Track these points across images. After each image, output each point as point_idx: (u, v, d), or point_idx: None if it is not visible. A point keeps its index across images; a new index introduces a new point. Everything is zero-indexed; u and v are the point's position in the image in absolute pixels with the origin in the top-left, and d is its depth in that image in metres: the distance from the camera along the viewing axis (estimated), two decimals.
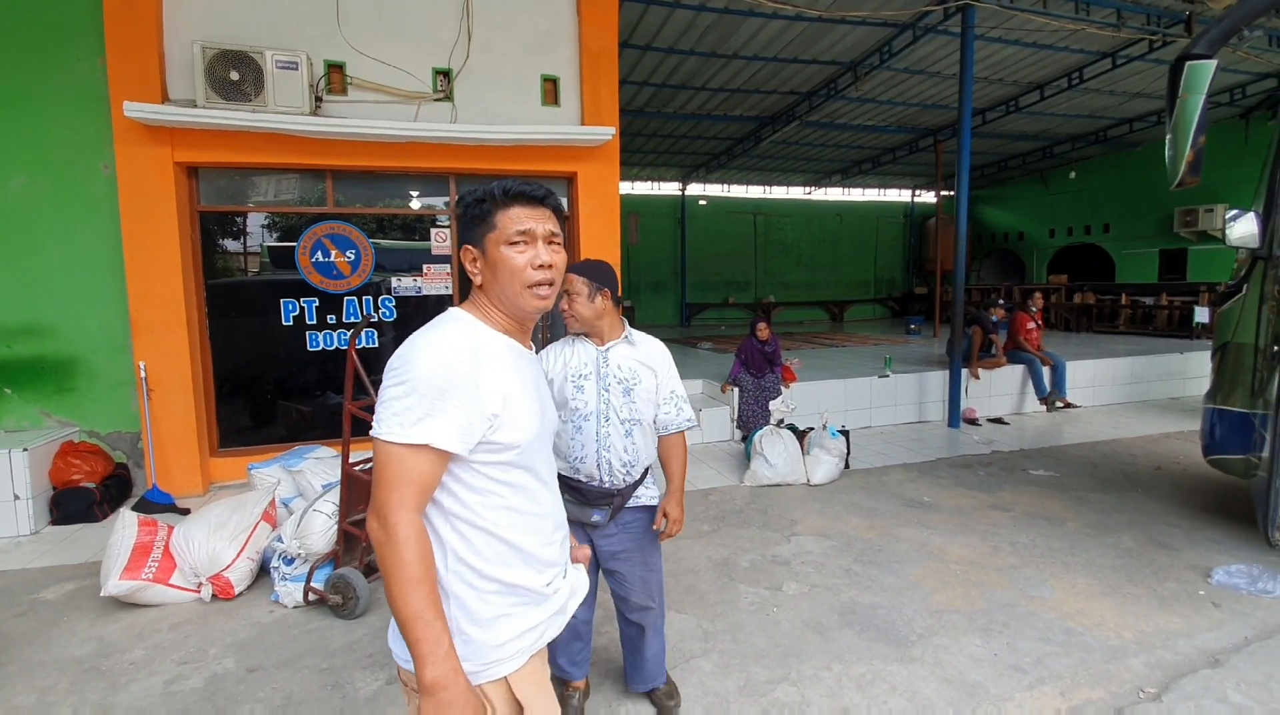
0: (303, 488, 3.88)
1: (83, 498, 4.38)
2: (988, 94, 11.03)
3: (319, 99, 4.89)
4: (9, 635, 2.94)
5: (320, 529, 3.18)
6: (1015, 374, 7.46)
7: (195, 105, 4.55)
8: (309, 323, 5.25)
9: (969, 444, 6.14)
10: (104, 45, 4.48)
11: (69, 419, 4.96)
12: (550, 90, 5.50)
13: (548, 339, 4.65)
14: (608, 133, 5.37)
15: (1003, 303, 7.96)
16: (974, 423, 6.90)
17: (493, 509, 1.18)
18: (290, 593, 3.17)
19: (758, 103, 11.27)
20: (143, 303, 4.67)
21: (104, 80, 4.53)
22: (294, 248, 5.16)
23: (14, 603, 3.25)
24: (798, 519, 4.27)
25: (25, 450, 4.20)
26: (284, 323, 5.19)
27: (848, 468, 5.28)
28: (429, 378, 1.08)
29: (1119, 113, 12.32)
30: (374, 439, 1.10)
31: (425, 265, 5.54)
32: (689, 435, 2.33)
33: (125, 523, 3.27)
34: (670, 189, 18.00)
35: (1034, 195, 16.92)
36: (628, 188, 17.00)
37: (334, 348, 5.32)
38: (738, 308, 18.13)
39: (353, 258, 5.30)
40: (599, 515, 2.11)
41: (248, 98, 4.59)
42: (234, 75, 4.55)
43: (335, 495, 3.28)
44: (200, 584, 3.22)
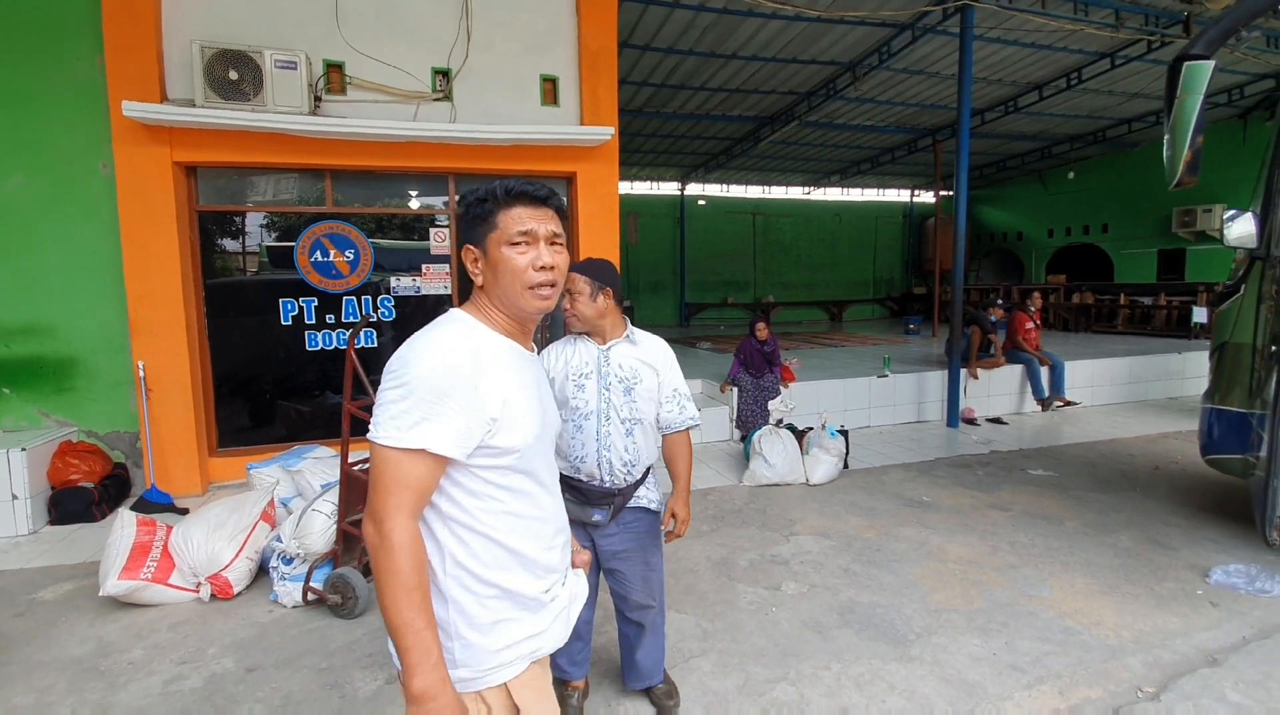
0: (301, 487, 3.88)
1: (81, 498, 4.38)
2: (986, 94, 11.05)
3: (318, 99, 4.89)
4: (8, 635, 2.94)
5: (319, 529, 3.18)
6: (1014, 374, 7.47)
7: (194, 105, 4.55)
8: (308, 322, 5.25)
9: (968, 444, 6.14)
10: (103, 45, 4.48)
11: (67, 419, 4.96)
12: (549, 90, 5.50)
13: (547, 339, 4.65)
14: (607, 133, 5.37)
15: (1001, 303, 7.96)
16: (973, 423, 6.91)
17: (492, 514, 1.16)
18: (289, 592, 3.17)
19: (757, 103, 11.28)
20: (141, 302, 4.67)
21: (103, 80, 4.53)
22: (293, 247, 5.16)
23: (13, 603, 3.25)
24: (797, 519, 4.28)
25: (24, 450, 4.20)
26: (283, 322, 5.19)
27: (847, 467, 5.29)
28: (426, 381, 1.07)
29: (1117, 113, 12.35)
30: (371, 442, 1.08)
31: (424, 265, 5.53)
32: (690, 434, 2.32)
33: (124, 522, 3.26)
34: (669, 189, 18.01)
35: (1033, 195, 16.94)
36: (627, 188, 17.00)
37: (333, 347, 5.32)
38: (737, 308, 18.13)
39: (352, 257, 5.29)
40: (600, 515, 2.10)
41: (247, 97, 4.59)
42: (233, 75, 4.55)
43: (334, 495, 3.28)
44: (199, 584, 3.22)
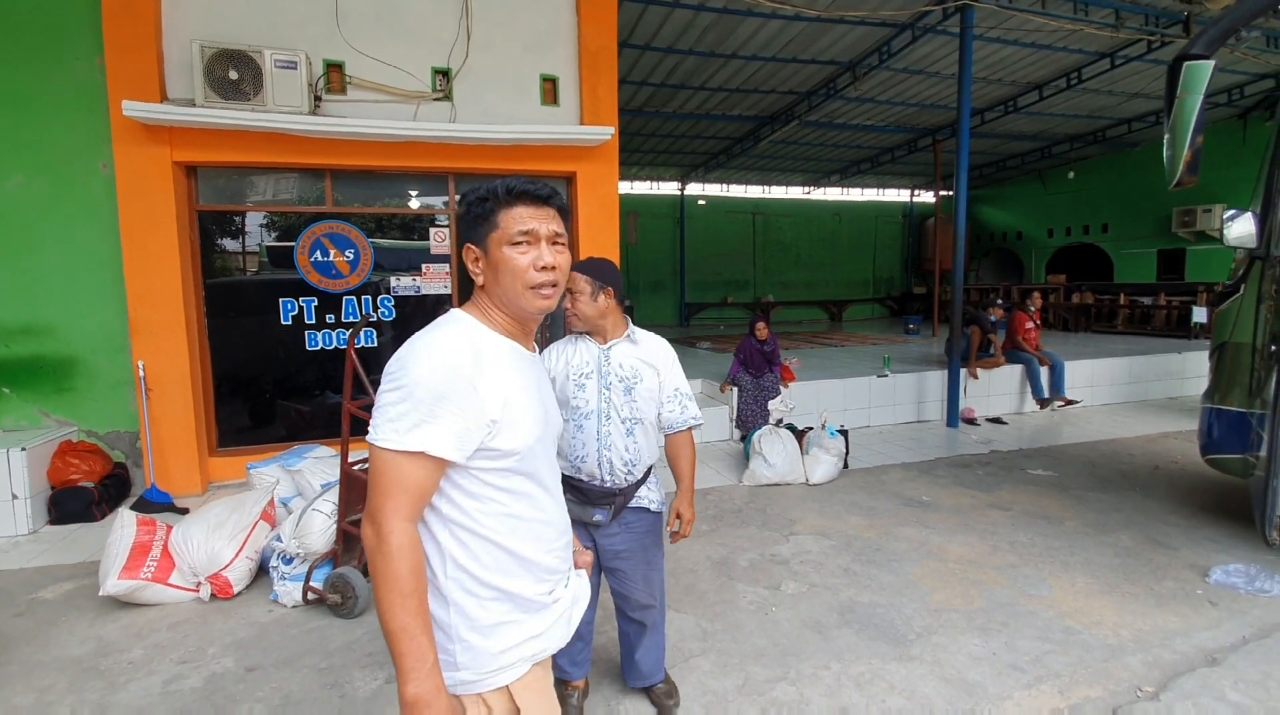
0: (301, 487, 3.88)
1: (81, 497, 4.38)
2: (986, 94, 11.04)
3: (318, 98, 4.89)
4: (8, 635, 2.94)
5: (319, 528, 3.18)
6: (1014, 374, 7.47)
7: (194, 104, 4.55)
8: (308, 322, 5.25)
9: (968, 443, 6.15)
10: (102, 44, 4.47)
11: (67, 418, 4.96)
12: (549, 90, 5.50)
13: (547, 339, 4.65)
14: (607, 132, 5.37)
15: (1001, 302, 7.96)
16: (972, 422, 6.91)
17: (493, 516, 1.15)
18: (289, 592, 3.17)
19: (756, 102, 11.28)
20: (141, 302, 4.67)
21: (102, 80, 4.53)
22: (293, 247, 5.16)
23: (12, 602, 3.25)
24: (796, 518, 4.28)
25: (23, 450, 4.20)
26: (283, 322, 5.19)
27: (846, 467, 5.29)
28: (426, 383, 1.05)
29: (1117, 113, 12.35)
30: (369, 445, 1.08)
31: (424, 265, 5.53)
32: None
33: (124, 522, 3.26)
34: (669, 189, 18.01)
35: (1032, 195, 16.94)
36: (626, 187, 17.00)
37: (333, 347, 5.32)
38: (736, 307, 18.13)
39: (351, 257, 5.29)
40: (601, 515, 2.10)
41: (246, 97, 4.59)
42: (233, 74, 4.54)
43: (334, 494, 3.28)
44: (199, 583, 3.22)
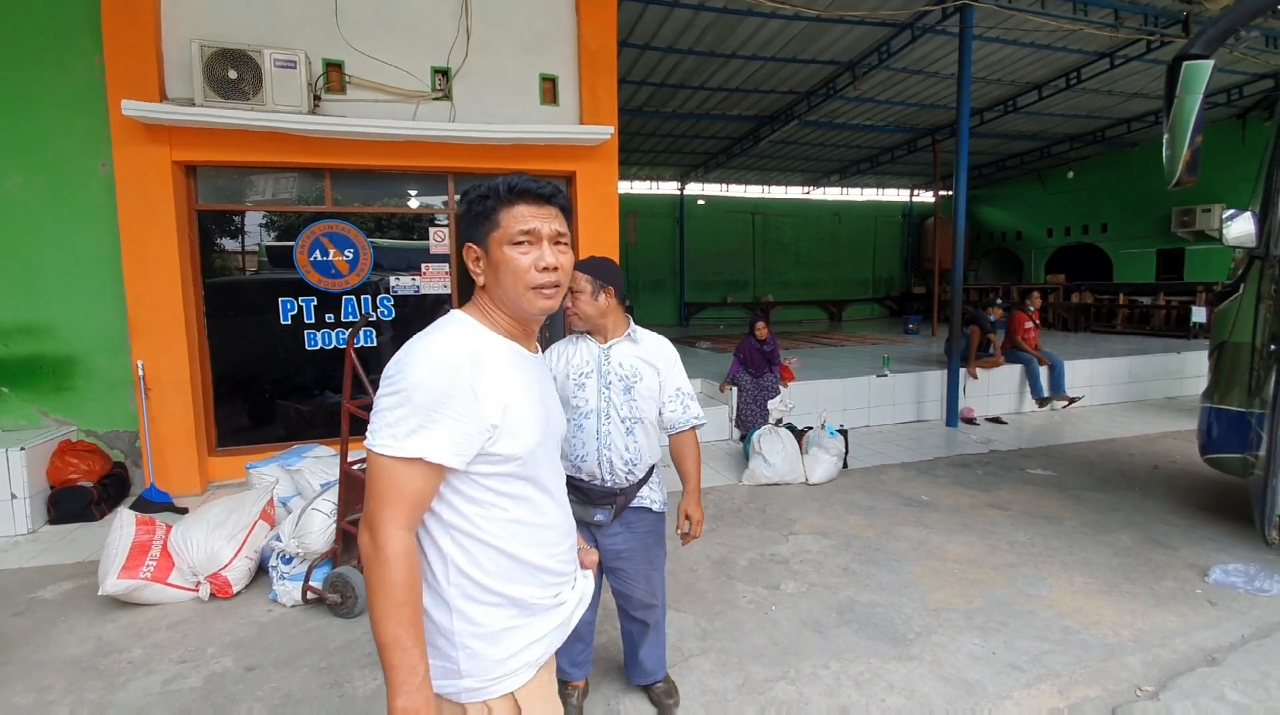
0: (301, 487, 3.88)
1: (80, 497, 4.37)
2: (986, 94, 11.04)
3: (317, 98, 4.89)
4: (7, 634, 2.94)
5: (318, 528, 3.18)
6: (1013, 373, 7.47)
7: (193, 104, 4.55)
8: (307, 322, 5.24)
9: (967, 443, 6.15)
10: (102, 44, 4.47)
11: (67, 418, 4.95)
12: (549, 89, 5.50)
13: (546, 339, 4.65)
14: (606, 132, 5.36)
15: (1001, 302, 7.95)
16: (972, 422, 6.91)
17: (495, 522, 1.13)
18: (289, 591, 3.17)
19: (756, 102, 11.28)
20: (141, 302, 4.67)
21: (102, 79, 4.52)
22: (292, 247, 5.15)
23: (11, 602, 3.25)
24: (796, 518, 4.28)
25: (23, 449, 4.19)
26: (282, 322, 5.19)
27: (846, 467, 5.29)
28: (423, 387, 1.03)
29: (1117, 113, 12.35)
30: (367, 450, 1.06)
31: (424, 264, 5.53)
32: None
33: (123, 522, 3.26)
34: (669, 188, 18.01)
35: (1032, 195, 16.95)
36: (626, 187, 17.00)
37: (332, 347, 5.32)
38: (736, 307, 18.14)
39: (351, 257, 5.29)
40: (602, 515, 2.10)
41: (246, 96, 4.58)
42: (232, 74, 4.54)
43: (333, 494, 3.28)
44: (198, 583, 3.22)
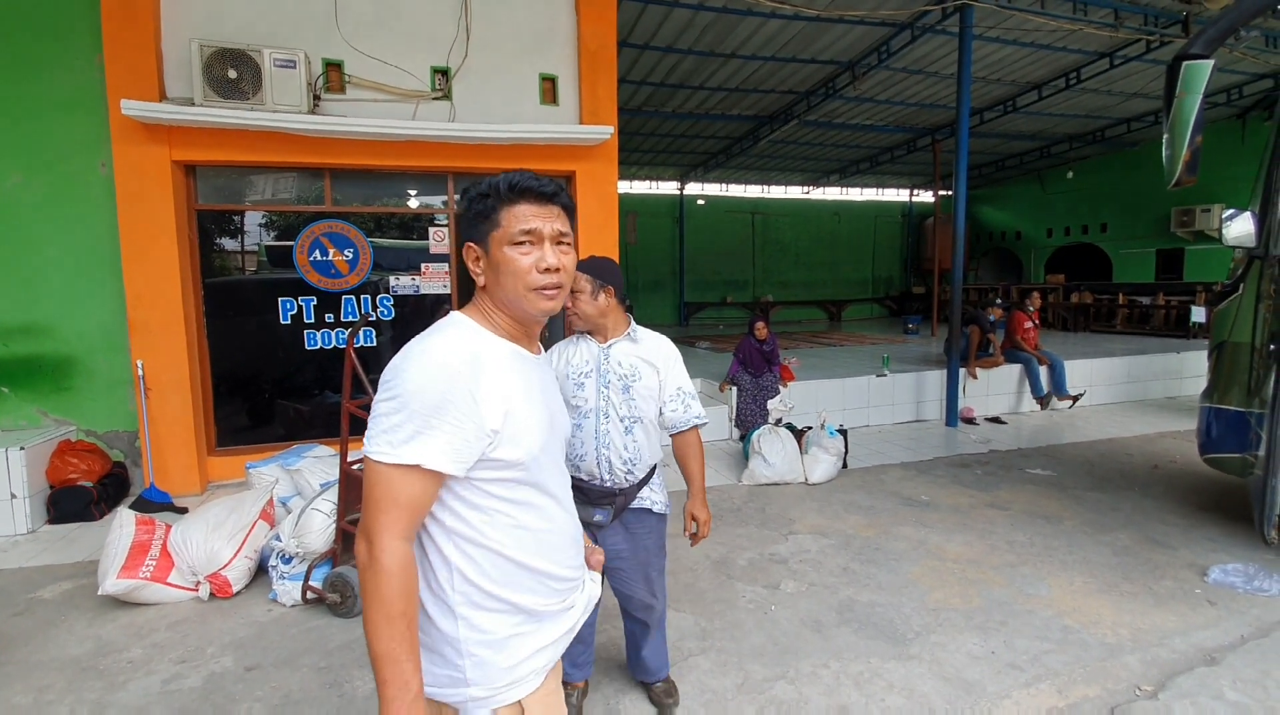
0: (300, 486, 3.88)
1: (80, 497, 4.37)
2: (985, 94, 11.05)
3: (317, 97, 4.88)
4: (6, 634, 2.94)
5: (318, 527, 3.18)
6: (1012, 373, 7.48)
7: (193, 104, 4.54)
8: (307, 321, 5.24)
9: (966, 443, 6.15)
10: (101, 43, 4.47)
11: (66, 418, 4.95)
12: (549, 89, 5.49)
13: (546, 340, 4.64)
14: (606, 132, 5.36)
15: (1000, 302, 7.96)
16: (971, 422, 6.91)
17: (499, 528, 1.10)
18: (288, 591, 3.17)
19: (756, 102, 11.28)
20: (140, 302, 4.66)
21: (101, 78, 4.52)
22: (292, 246, 5.15)
23: (11, 602, 3.25)
24: (796, 518, 4.28)
25: (22, 449, 4.19)
26: (282, 322, 5.19)
27: (845, 467, 5.29)
28: (421, 392, 1.00)
29: (1116, 113, 12.35)
30: (364, 457, 1.03)
31: (423, 264, 5.53)
32: None
33: (123, 521, 3.26)
34: (668, 188, 18.01)
35: (1031, 195, 16.96)
36: (626, 187, 16.99)
37: (332, 347, 5.32)
38: (736, 307, 18.14)
39: (351, 256, 5.29)
40: (602, 515, 2.10)
41: (246, 96, 4.58)
42: (232, 73, 4.54)
43: (333, 494, 3.28)
44: (198, 583, 3.22)
